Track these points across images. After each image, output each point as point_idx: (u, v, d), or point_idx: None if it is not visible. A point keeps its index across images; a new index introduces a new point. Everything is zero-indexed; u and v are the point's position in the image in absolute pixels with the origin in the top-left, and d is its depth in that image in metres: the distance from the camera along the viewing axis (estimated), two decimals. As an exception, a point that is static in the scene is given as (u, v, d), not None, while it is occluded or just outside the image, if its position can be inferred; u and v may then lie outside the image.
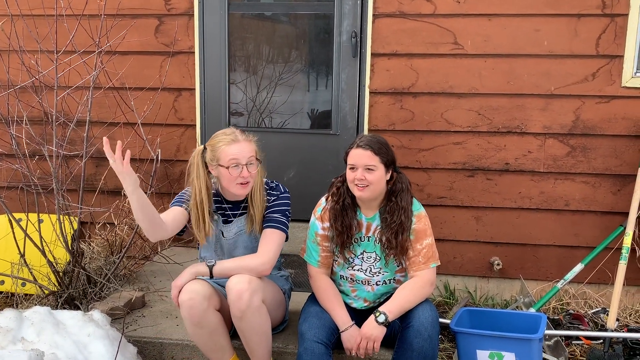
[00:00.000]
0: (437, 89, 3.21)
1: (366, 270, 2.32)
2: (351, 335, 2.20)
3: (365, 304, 2.37)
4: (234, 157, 2.17)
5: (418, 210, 2.29)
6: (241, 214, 2.33)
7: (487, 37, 3.13)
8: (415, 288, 2.22)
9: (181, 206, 2.27)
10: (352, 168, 2.21)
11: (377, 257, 2.30)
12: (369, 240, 2.31)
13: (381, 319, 2.15)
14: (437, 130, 3.24)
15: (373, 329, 2.15)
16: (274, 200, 2.30)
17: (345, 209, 2.27)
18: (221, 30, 3.41)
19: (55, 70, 2.80)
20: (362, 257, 2.31)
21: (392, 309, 2.17)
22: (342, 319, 2.24)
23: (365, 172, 2.18)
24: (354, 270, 2.33)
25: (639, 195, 2.98)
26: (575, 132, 3.15)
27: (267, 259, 2.19)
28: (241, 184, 2.20)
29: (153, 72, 3.44)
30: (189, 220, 2.28)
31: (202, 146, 2.28)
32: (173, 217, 2.22)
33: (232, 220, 2.33)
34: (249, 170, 2.21)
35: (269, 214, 2.28)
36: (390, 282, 2.34)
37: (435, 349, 2.14)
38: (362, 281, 2.33)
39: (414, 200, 2.31)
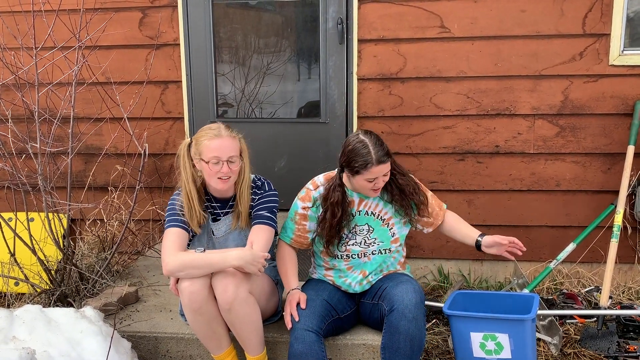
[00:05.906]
0: (425, 74, 3.19)
1: (361, 243, 2.35)
2: (291, 296, 2.26)
3: (362, 276, 2.37)
4: (214, 153, 2.16)
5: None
6: (228, 212, 2.34)
7: (474, 20, 3.11)
8: (459, 219, 2.50)
9: (178, 226, 2.23)
10: (370, 180, 2.23)
11: (370, 229, 2.35)
12: (359, 215, 2.34)
13: (481, 237, 2.37)
14: (426, 115, 3.23)
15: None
16: (259, 198, 2.30)
17: (341, 220, 2.29)
18: (206, 21, 3.37)
19: (35, 67, 2.76)
20: (355, 231, 2.35)
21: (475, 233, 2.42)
22: (290, 284, 2.32)
23: (384, 177, 2.25)
24: (349, 245, 2.36)
25: (628, 174, 2.99)
26: (564, 112, 3.14)
27: None
28: (220, 178, 2.20)
29: (138, 65, 3.40)
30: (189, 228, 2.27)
31: (189, 139, 2.28)
32: (180, 243, 2.20)
33: (221, 219, 2.33)
34: (230, 167, 2.19)
35: (257, 212, 2.28)
36: (385, 252, 2.37)
37: (422, 330, 2.15)
38: (357, 254, 2.36)
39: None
